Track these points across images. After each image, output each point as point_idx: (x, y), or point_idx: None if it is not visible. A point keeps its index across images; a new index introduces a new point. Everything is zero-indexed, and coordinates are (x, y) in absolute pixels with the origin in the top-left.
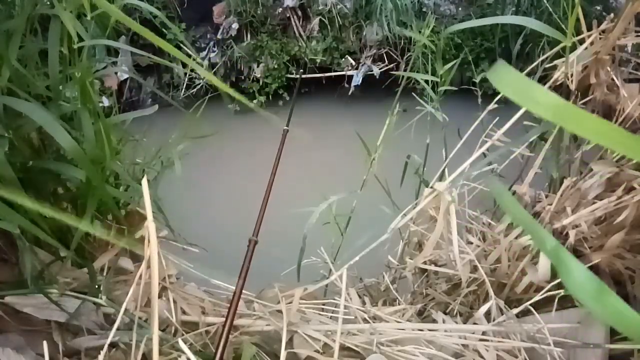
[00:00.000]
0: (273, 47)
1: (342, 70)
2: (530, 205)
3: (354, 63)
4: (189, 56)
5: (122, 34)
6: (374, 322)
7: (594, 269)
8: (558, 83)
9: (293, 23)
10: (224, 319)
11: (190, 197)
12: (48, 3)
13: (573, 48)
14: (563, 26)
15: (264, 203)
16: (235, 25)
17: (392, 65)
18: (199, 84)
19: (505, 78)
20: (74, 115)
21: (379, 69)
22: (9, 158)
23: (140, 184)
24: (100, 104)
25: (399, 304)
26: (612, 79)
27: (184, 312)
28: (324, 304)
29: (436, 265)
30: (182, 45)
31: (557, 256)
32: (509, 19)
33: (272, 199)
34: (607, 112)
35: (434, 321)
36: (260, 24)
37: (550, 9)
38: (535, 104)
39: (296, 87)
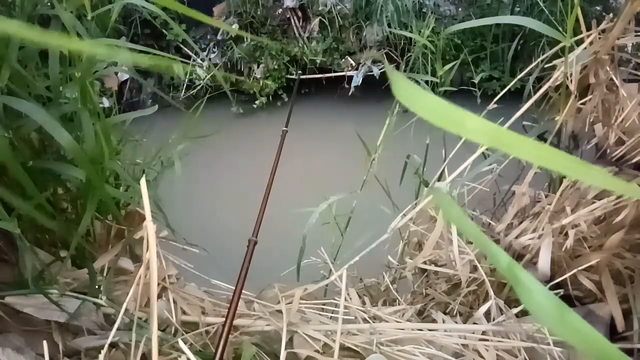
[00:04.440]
0: (273, 47)
1: (342, 71)
2: (530, 205)
3: (353, 63)
4: (189, 57)
5: (122, 34)
6: (374, 322)
7: (594, 268)
8: (557, 83)
9: (293, 24)
10: (224, 319)
11: (190, 198)
12: (48, 3)
13: (572, 48)
14: (560, 27)
15: (263, 203)
16: (235, 26)
17: (392, 66)
18: (199, 84)
19: (426, 104)
20: (74, 116)
21: (379, 70)
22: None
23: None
24: (101, 105)
25: (399, 304)
26: (612, 79)
27: (184, 312)
28: (324, 304)
29: (436, 265)
30: (182, 46)
31: (514, 274)
32: (508, 19)
33: (272, 199)
34: (606, 111)
35: (434, 321)
36: (260, 24)
37: (549, 10)
38: (466, 130)
39: (294, 88)
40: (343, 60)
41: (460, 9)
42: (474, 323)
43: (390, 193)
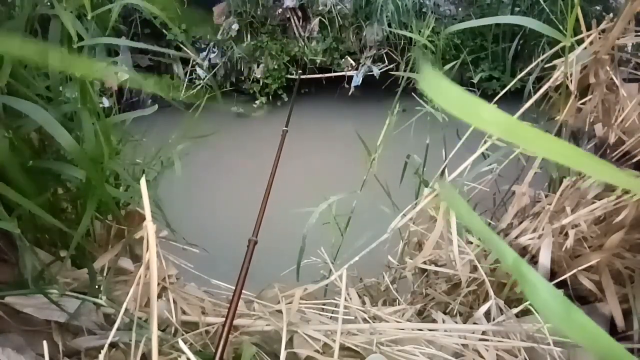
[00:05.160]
0: (273, 47)
1: (342, 71)
2: (530, 205)
3: (353, 63)
4: (189, 58)
5: (122, 34)
6: (374, 322)
7: (594, 268)
8: (557, 83)
9: (293, 24)
10: (224, 319)
11: (190, 197)
12: (48, 3)
13: (572, 48)
14: (561, 26)
15: (263, 203)
16: (235, 26)
17: (392, 66)
18: (199, 84)
19: (447, 95)
20: (74, 116)
21: (379, 70)
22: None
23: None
24: (101, 105)
25: (399, 304)
26: (612, 79)
27: (184, 312)
28: (324, 304)
29: (436, 265)
30: (182, 46)
31: (520, 271)
32: (508, 19)
33: (272, 199)
34: (606, 111)
35: (434, 321)
36: (260, 24)
37: (549, 9)
38: (482, 121)
39: (295, 88)
40: (343, 60)
41: (460, 9)
42: (474, 323)
43: (390, 193)
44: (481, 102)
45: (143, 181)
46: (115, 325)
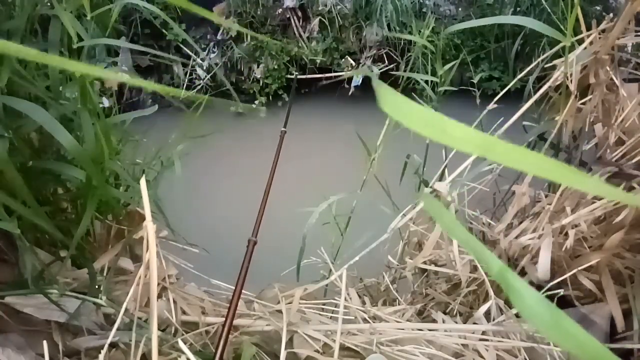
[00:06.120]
0: (273, 47)
1: (342, 71)
2: (530, 205)
3: (353, 63)
4: (189, 57)
5: (122, 34)
6: (374, 322)
7: (594, 268)
8: (557, 83)
9: (293, 24)
10: (224, 319)
11: (190, 197)
12: (48, 3)
13: (572, 48)
14: (562, 26)
15: (263, 203)
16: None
17: (392, 66)
18: (199, 84)
19: (410, 114)
20: (74, 116)
21: (379, 70)
22: (9, 158)
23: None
24: (101, 105)
25: (399, 304)
26: (612, 79)
27: (184, 312)
28: (324, 304)
29: (436, 265)
30: (182, 46)
31: (506, 280)
32: (509, 19)
33: (272, 199)
34: (606, 111)
35: (434, 321)
36: (260, 24)
37: (550, 9)
38: (452, 139)
39: (293, 88)
40: (343, 60)
41: (460, 9)
42: (474, 323)
43: (390, 193)
44: (449, 120)
45: (143, 181)
46: (115, 325)
